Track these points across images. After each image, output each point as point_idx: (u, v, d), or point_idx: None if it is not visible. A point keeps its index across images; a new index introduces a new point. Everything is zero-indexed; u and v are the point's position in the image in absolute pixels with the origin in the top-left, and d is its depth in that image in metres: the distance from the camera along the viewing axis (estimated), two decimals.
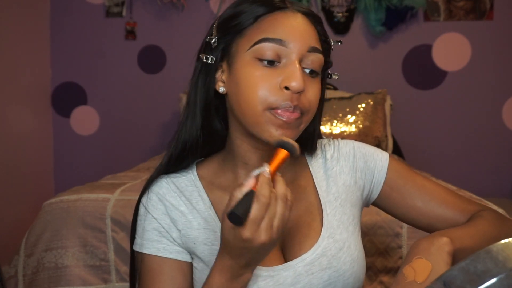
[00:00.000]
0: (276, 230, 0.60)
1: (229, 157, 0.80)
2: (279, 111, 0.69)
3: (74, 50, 3.11)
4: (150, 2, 3.03)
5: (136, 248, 0.79)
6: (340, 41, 0.82)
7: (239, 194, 0.59)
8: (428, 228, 0.83)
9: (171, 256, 0.76)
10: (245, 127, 0.74)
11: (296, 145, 0.64)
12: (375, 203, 0.88)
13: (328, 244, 0.77)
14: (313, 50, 0.72)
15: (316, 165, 0.85)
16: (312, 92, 0.72)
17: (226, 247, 0.63)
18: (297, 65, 0.70)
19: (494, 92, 2.87)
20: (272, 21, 0.71)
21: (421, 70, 2.92)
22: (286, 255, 0.77)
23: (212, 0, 3.00)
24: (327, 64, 0.79)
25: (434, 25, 2.89)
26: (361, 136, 2.46)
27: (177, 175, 0.82)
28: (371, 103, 2.54)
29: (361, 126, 2.48)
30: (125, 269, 1.51)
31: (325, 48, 0.77)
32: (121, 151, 3.13)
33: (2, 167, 2.60)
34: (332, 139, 0.89)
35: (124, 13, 3.06)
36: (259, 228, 0.59)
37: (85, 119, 3.15)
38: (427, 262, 0.62)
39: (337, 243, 0.77)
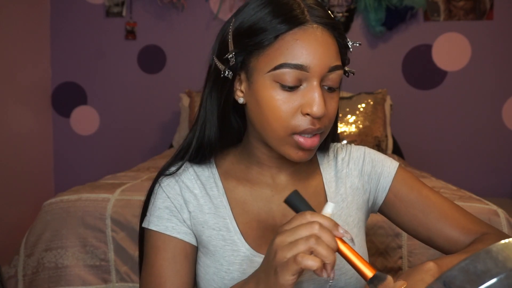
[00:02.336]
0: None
1: (245, 153, 0.82)
2: (302, 139, 0.71)
3: (74, 50, 3.11)
4: (150, 2, 3.03)
5: (145, 224, 0.81)
6: (359, 43, 0.79)
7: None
8: (428, 241, 0.83)
9: (178, 236, 0.78)
10: (265, 141, 0.76)
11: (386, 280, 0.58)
12: (381, 211, 0.88)
13: None
14: (333, 69, 0.71)
15: (327, 167, 0.86)
16: (331, 108, 0.73)
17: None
18: (318, 90, 0.69)
19: (494, 92, 2.87)
20: (292, 42, 0.69)
21: (421, 70, 2.92)
22: None
23: (212, 0, 3.00)
24: (344, 62, 0.77)
25: (434, 25, 2.89)
26: (361, 136, 2.46)
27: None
28: (371, 103, 2.54)
29: (361, 126, 2.48)
30: (125, 269, 1.51)
31: (343, 52, 0.75)
32: (121, 151, 3.13)
33: (2, 167, 2.60)
34: (346, 144, 0.90)
35: (124, 13, 3.06)
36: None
37: (85, 119, 3.15)
38: (403, 282, 0.59)
39: None
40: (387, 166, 0.85)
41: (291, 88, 0.70)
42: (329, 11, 0.74)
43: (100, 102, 3.14)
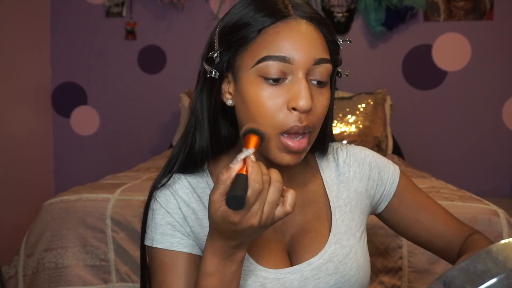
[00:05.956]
0: (267, 215, 0.59)
1: None
2: (290, 142, 0.68)
3: (74, 50, 3.11)
4: (150, 2, 3.03)
5: (148, 242, 0.77)
6: (349, 40, 0.78)
7: (227, 178, 0.57)
8: (427, 244, 0.87)
9: (185, 250, 0.75)
10: None
11: (262, 130, 0.63)
12: (380, 215, 0.89)
13: (335, 250, 0.77)
14: (319, 61, 0.69)
15: (327, 169, 0.84)
16: (320, 105, 0.70)
17: (215, 229, 0.61)
18: (304, 83, 0.67)
19: (494, 92, 2.87)
20: (274, 35, 0.68)
21: (421, 70, 2.92)
22: (293, 258, 0.77)
23: (212, 0, 3.00)
24: (336, 62, 0.77)
25: (434, 25, 2.89)
26: (361, 136, 2.45)
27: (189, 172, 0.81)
28: (371, 103, 2.54)
29: (361, 126, 2.48)
30: (125, 269, 1.51)
31: (333, 49, 0.74)
32: (121, 151, 3.13)
33: (2, 167, 2.60)
34: (343, 143, 0.88)
35: (124, 13, 3.06)
36: (249, 213, 0.58)
37: (85, 119, 3.15)
38: None
39: (344, 248, 0.77)
40: (391, 172, 0.86)
41: (276, 81, 0.68)
42: (316, 10, 0.73)
43: (100, 102, 3.14)
